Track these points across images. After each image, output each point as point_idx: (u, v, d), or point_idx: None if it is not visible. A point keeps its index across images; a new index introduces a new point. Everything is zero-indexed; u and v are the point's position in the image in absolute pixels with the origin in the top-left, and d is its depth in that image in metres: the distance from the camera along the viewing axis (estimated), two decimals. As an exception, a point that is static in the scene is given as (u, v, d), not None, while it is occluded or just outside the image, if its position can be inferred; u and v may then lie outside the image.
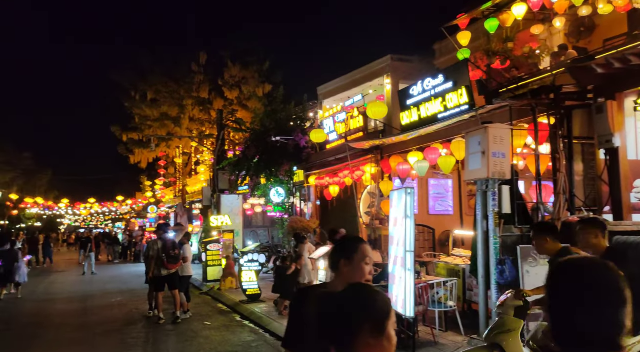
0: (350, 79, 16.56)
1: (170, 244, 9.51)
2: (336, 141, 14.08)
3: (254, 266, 11.01)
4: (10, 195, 32.57)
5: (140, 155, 29.10)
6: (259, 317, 9.39)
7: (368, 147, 11.56)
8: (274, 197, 16.21)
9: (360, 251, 2.33)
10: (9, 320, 10.10)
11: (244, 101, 28.25)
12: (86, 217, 53.57)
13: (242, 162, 16.38)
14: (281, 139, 15.30)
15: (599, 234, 4.05)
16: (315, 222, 14.54)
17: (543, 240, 4.23)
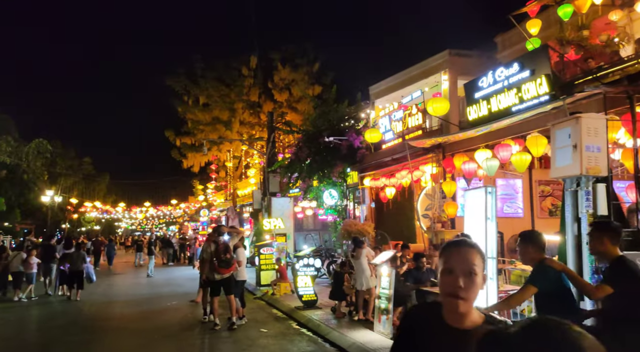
0: (405, 76, 15.86)
1: (222, 248, 9.20)
2: (392, 141, 13.44)
3: (310, 271, 10.54)
4: (71, 198, 34.02)
5: (192, 159, 29.51)
6: (317, 325, 8.89)
7: (429, 145, 10.85)
8: (327, 199, 15.75)
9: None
10: (68, 324, 10.12)
11: (293, 103, 28.10)
12: (141, 220, 55.32)
13: (294, 164, 16.02)
14: (334, 139, 14.82)
15: (606, 240, 3.67)
16: (371, 225, 13.94)
17: (599, 241, 3.72)
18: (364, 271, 8.92)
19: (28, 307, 12.57)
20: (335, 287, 9.60)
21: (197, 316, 10.25)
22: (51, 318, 10.86)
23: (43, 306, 12.78)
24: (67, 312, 11.63)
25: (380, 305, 7.86)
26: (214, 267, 9.17)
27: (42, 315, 11.33)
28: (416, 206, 14.52)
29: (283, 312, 10.62)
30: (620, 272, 3.50)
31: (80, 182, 37.51)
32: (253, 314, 10.40)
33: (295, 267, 10.53)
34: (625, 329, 3.30)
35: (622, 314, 3.37)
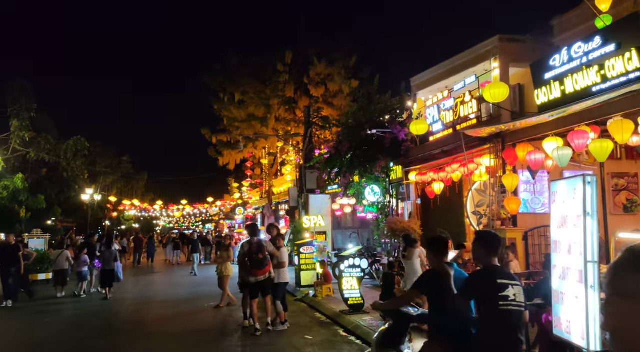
0: (450, 65, 14.77)
1: (255, 247, 8.45)
2: (441, 132, 12.40)
3: (356, 272, 9.68)
4: (110, 197, 34.32)
5: (228, 156, 29.11)
6: (367, 332, 8.01)
7: (486, 135, 9.78)
8: (369, 195, 14.84)
9: None
10: (101, 326, 9.61)
11: (329, 99, 27.28)
12: (179, 219, 55.77)
13: (334, 159, 15.17)
14: (377, 132, 13.87)
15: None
16: (417, 223, 12.94)
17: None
18: (416, 273, 7.97)
19: (63, 306, 12.22)
20: (385, 291, 8.70)
21: (237, 319, 9.56)
22: (85, 319, 10.40)
23: (79, 305, 12.41)
24: (102, 312, 11.17)
25: (440, 313, 6.91)
26: (247, 269, 8.46)
27: (75, 316, 10.88)
28: (465, 203, 13.45)
29: (327, 316, 9.79)
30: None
31: (119, 181, 37.88)
32: (295, 318, 9.62)
33: (340, 268, 9.69)
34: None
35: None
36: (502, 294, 3.55)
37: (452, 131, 11.88)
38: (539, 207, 10.11)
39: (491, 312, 3.56)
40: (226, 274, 10.99)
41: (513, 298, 3.56)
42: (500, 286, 3.58)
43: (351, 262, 9.67)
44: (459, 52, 14.20)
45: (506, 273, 3.84)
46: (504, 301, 3.53)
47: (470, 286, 3.78)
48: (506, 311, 3.53)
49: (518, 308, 3.59)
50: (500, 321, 3.55)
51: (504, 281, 3.61)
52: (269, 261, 8.60)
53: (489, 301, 3.59)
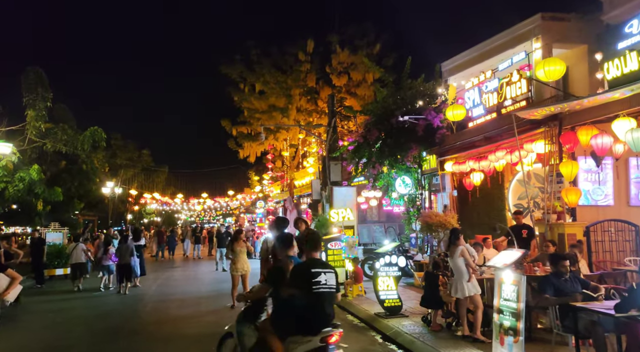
0: (486, 48, 13.54)
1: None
2: (483, 117, 11.21)
3: (393, 271, 8.62)
4: (131, 190, 33.84)
5: (249, 148, 28.26)
6: (410, 341, 6.97)
7: (541, 117, 8.59)
8: (400, 187, 13.73)
9: None
10: (115, 327, 8.77)
11: (352, 88, 26.18)
12: (199, 212, 55.37)
13: (362, 148, 14.08)
14: (409, 119, 12.73)
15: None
16: (454, 217, 11.80)
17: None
18: (461, 275, 6.90)
19: (77, 303, 11.47)
20: (428, 292, 7.64)
21: (260, 321, 8.58)
22: (99, 320, 9.58)
23: (94, 303, 11.65)
24: (117, 311, 10.35)
25: (502, 322, 5.82)
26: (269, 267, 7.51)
27: (89, 316, 10.07)
28: (507, 195, 12.27)
29: (361, 319, 8.77)
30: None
31: (140, 174, 37.42)
32: (325, 321, 8.63)
33: (375, 266, 8.64)
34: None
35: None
36: (315, 279, 4.23)
37: (496, 115, 10.70)
38: (602, 199, 8.90)
39: (306, 295, 4.19)
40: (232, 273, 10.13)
41: (325, 282, 4.27)
42: (314, 273, 4.27)
43: (387, 260, 8.62)
44: (496, 33, 13.00)
45: (320, 262, 4.51)
46: (316, 285, 4.23)
47: (291, 276, 4.46)
48: (319, 293, 4.22)
49: (329, 290, 4.30)
50: (314, 300, 4.20)
51: (317, 270, 4.32)
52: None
53: (304, 286, 4.21)
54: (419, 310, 8.72)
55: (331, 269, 4.47)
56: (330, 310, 4.37)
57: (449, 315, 7.54)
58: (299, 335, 4.17)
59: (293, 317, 4.23)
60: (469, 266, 6.84)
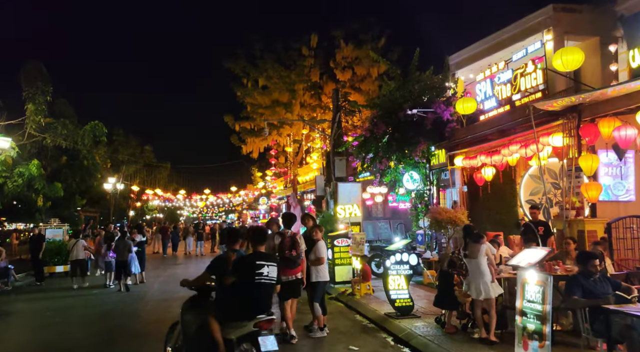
0: (494, 40, 13.11)
1: (289, 242, 7.09)
2: (495, 109, 10.80)
3: (404, 270, 8.23)
4: (132, 186, 33.47)
5: (252, 144, 27.89)
6: (424, 343, 6.59)
7: (559, 108, 8.17)
8: (407, 183, 13.34)
9: None
10: (113, 327, 8.42)
11: (356, 83, 25.77)
12: (202, 209, 55.05)
13: (368, 143, 13.67)
14: (418, 112, 12.32)
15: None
16: (464, 213, 11.40)
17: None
18: (483, 275, 6.51)
19: (76, 301, 11.12)
20: (442, 292, 7.25)
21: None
22: (96, 319, 9.23)
23: (92, 301, 11.30)
24: (116, 311, 9.99)
25: (526, 325, 5.44)
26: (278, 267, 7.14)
27: (87, 315, 9.72)
28: (519, 191, 11.87)
29: (371, 320, 8.39)
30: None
31: (142, 170, 37.06)
32: (333, 321, 8.26)
33: (386, 264, 8.25)
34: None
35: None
36: (259, 271, 4.68)
37: (510, 108, 10.29)
38: (623, 194, 8.49)
39: (248, 284, 4.65)
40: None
41: (267, 274, 4.73)
42: (258, 265, 4.73)
43: (398, 258, 8.23)
44: (505, 26, 12.57)
45: (265, 255, 5.00)
46: (259, 276, 4.68)
47: (234, 267, 4.82)
48: (260, 283, 4.69)
49: (269, 281, 4.77)
50: (256, 289, 4.67)
51: (262, 262, 4.78)
52: (303, 259, 7.24)
53: (247, 276, 4.65)
54: (431, 310, 8.34)
55: (274, 263, 4.96)
56: (268, 300, 4.84)
57: (464, 316, 7.15)
58: (238, 321, 4.52)
59: (234, 304, 4.60)
60: (492, 265, 6.45)
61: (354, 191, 17.40)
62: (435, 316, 7.74)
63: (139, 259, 13.93)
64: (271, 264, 4.84)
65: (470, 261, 6.74)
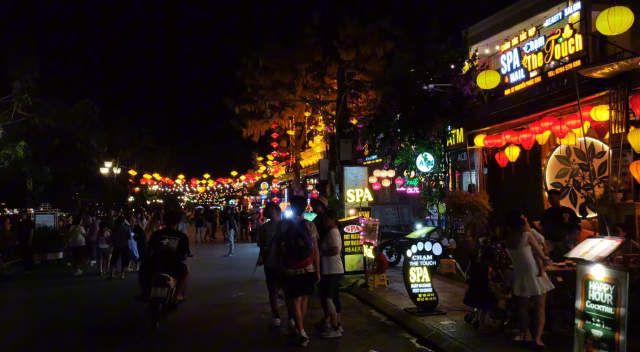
0: (514, 12, 12.01)
1: (294, 231, 6.05)
2: (524, 82, 9.67)
3: (427, 260, 7.21)
4: (130, 171, 32.36)
5: (252, 127, 26.73)
6: (458, 347, 5.59)
7: (607, 75, 7.06)
8: (421, 165, 12.28)
9: None
10: (100, 325, 7.42)
11: (361, 63, 24.49)
12: (202, 194, 54.04)
13: (379, 122, 12.58)
14: (435, 87, 11.20)
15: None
16: (485, 197, 10.38)
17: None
18: (528, 267, 5.47)
19: (65, 290, 10.12)
20: (475, 288, 6.23)
21: (270, 316, 7.25)
22: (86, 312, 8.24)
23: (84, 290, 10.31)
24: (107, 305, 9.00)
25: (590, 330, 4.43)
26: (284, 257, 6.12)
27: (75, 308, 8.73)
28: (544, 173, 10.83)
29: (389, 316, 7.40)
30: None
31: (140, 155, 35.88)
32: (348, 317, 7.28)
33: (407, 254, 7.23)
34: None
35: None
36: (160, 241, 7.02)
37: (541, 79, 9.16)
38: (677, 175, 7.40)
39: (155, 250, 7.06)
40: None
41: (166, 244, 7.03)
42: (162, 237, 7.10)
43: (420, 247, 7.20)
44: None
45: (170, 232, 7.25)
46: (160, 245, 7.00)
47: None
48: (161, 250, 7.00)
49: (167, 250, 7.03)
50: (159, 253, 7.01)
51: (164, 235, 7.13)
52: (312, 250, 6.21)
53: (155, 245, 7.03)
54: (456, 305, 7.37)
55: (176, 237, 7.17)
56: (167, 263, 6.99)
57: (501, 315, 6.15)
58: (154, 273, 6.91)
59: (150, 263, 7.07)
60: (539, 256, 5.42)
61: (360, 175, 16.37)
62: (462, 311, 6.76)
63: (141, 244, 13.07)
64: (173, 238, 7.14)
65: (511, 251, 5.71)
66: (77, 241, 13.20)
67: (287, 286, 6.32)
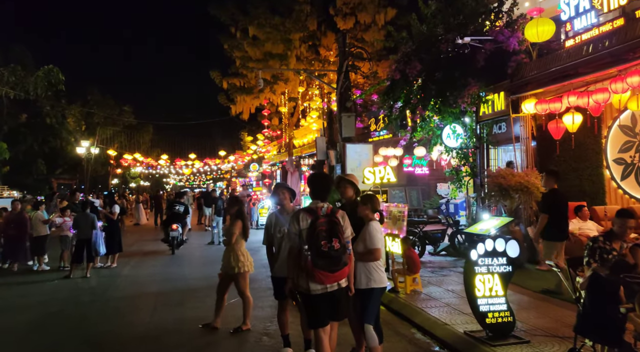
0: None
1: (324, 227, 3.82)
2: (595, 28, 7.33)
3: (500, 266, 4.96)
4: (109, 151, 29.45)
5: (242, 103, 24.11)
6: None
7: None
8: (448, 139, 9.98)
9: None
10: (57, 339, 5.04)
11: (359, 33, 21.96)
12: (189, 176, 51.19)
13: (397, 87, 10.19)
14: (472, 40, 8.82)
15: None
16: (537, 177, 8.15)
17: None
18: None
19: (9, 293, 7.67)
20: (596, 312, 3.97)
21: (274, 338, 4.95)
22: (34, 327, 5.82)
23: (36, 293, 7.85)
24: (65, 313, 6.57)
25: None
26: (307, 267, 3.78)
27: (20, 320, 6.28)
28: (605, 146, 8.65)
29: (442, 342, 5.14)
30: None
31: (121, 134, 32.89)
32: (384, 341, 5.00)
33: (471, 257, 4.95)
34: None
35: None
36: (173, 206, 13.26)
37: (624, 21, 6.84)
38: None
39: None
40: (244, 269, 5.73)
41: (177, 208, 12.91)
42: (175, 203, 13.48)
43: (489, 247, 4.93)
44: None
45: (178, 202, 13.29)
46: (173, 209, 13.21)
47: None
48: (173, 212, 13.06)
49: (177, 211, 12.96)
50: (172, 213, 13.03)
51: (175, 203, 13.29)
52: (350, 254, 3.92)
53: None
54: (539, 327, 5.16)
55: (182, 205, 13.22)
56: (177, 219, 12.59)
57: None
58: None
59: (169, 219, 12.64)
60: None
61: (364, 153, 14.17)
62: (552, 338, 4.54)
63: (111, 236, 10.70)
64: (179, 205, 13.04)
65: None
66: (36, 230, 10.79)
67: (310, 309, 4.02)
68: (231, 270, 5.72)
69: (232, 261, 5.72)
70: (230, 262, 5.73)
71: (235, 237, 5.77)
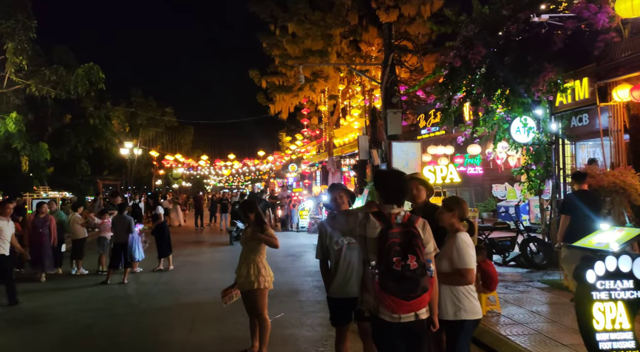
0: None
1: (399, 240, 2.81)
2: None
3: (624, 290, 3.76)
4: (151, 151, 29.41)
5: (281, 102, 23.38)
6: None
7: None
8: (517, 134, 8.68)
9: None
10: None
11: (402, 27, 20.70)
12: (228, 177, 51.19)
13: (457, 75, 8.99)
14: (550, 18, 7.53)
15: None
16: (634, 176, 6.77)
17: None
18: None
19: (44, 302, 7.05)
20: None
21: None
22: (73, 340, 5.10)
23: (68, 303, 7.21)
24: (99, 326, 5.84)
25: None
26: (376, 292, 2.75)
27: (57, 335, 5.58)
28: None
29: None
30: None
31: (163, 135, 32.93)
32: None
33: (587, 279, 3.76)
34: None
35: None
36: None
37: None
38: None
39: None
40: (264, 284, 4.77)
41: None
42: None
43: (611, 266, 3.74)
44: None
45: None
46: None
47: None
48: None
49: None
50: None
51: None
52: (432, 278, 2.85)
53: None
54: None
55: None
56: (234, 216, 13.61)
57: None
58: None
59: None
60: None
61: (411, 152, 13.00)
62: None
63: (161, 238, 10.19)
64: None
65: None
66: (75, 232, 10.34)
67: (382, 343, 2.99)
68: (249, 285, 4.69)
69: (252, 274, 4.70)
70: (250, 275, 4.70)
71: (261, 247, 4.80)
